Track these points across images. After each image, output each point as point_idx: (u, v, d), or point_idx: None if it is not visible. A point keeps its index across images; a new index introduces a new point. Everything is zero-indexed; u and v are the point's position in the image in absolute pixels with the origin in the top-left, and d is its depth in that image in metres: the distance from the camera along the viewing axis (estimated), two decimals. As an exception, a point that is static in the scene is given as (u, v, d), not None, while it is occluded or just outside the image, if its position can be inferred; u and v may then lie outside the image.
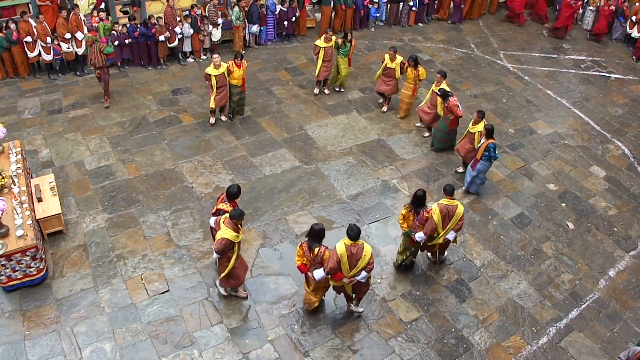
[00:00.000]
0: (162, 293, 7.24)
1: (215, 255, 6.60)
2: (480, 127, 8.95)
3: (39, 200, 7.80)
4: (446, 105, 9.52)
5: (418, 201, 7.16)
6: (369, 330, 6.99)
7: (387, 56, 10.64)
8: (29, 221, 7.13)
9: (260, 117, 10.90)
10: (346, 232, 6.31)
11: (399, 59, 10.59)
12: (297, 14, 13.75)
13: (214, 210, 7.05)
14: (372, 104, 11.53)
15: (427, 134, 10.59)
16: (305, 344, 6.75)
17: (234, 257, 6.58)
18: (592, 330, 7.27)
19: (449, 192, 7.18)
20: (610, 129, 11.52)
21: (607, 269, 8.22)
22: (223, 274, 6.76)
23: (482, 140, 8.80)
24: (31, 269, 7.00)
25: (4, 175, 7.55)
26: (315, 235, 6.35)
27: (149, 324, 6.84)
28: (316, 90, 11.75)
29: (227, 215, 6.52)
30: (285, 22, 13.65)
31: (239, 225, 6.51)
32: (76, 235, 8.00)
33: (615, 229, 8.94)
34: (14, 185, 7.63)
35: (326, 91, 11.78)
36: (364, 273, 6.45)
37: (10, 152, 8.28)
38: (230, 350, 6.60)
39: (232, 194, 6.88)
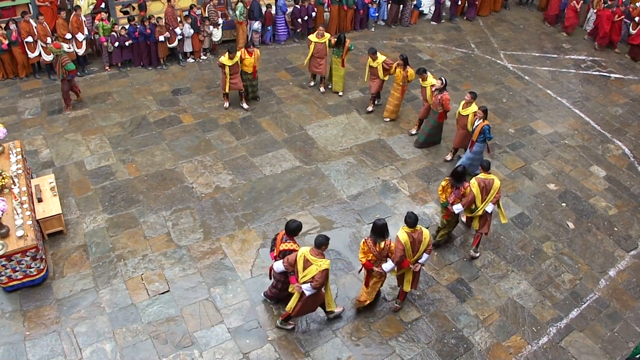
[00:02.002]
0: (163, 293, 7.24)
1: (309, 292, 6.21)
2: (473, 108, 9.16)
3: (39, 200, 7.81)
4: (440, 97, 9.52)
5: (458, 176, 7.55)
6: (370, 330, 6.99)
7: (369, 59, 10.85)
8: (29, 221, 7.13)
9: (260, 117, 10.91)
10: (404, 220, 6.56)
11: (381, 58, 10.68)
12: (312, 14, 13.77)
13: (275, 254, 6.60)
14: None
15: (414, 131, 10.60)
16: (306, 343, 6.75)
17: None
18: (593, 330, 7.27)
19: (485, 167, 7.70)
20: (611, 128, 11.51)
21: (608, 268, 8.22)
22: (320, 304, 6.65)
23: (477, 122, 8.96)
24: (31, 270, 7.00)
25: (4, 176, 7.54)
26: (379, 230, 6.45)
27: (149, 324, 6.84)
28: (312, 83, 12.05)
29: (307, 248, 6.19)
30: (299, 20, 13.69)
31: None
32: (76, 235, 8.01)
33: (616, 229, 8.94)
34: (14, 185, 7.64)
35: (321, 89, 11.80)
36: (425, 255, 6.72)
37: (10, 152, 8.29)
38: (230, 350, 6.60)
39: (292, 229, 6.46)
